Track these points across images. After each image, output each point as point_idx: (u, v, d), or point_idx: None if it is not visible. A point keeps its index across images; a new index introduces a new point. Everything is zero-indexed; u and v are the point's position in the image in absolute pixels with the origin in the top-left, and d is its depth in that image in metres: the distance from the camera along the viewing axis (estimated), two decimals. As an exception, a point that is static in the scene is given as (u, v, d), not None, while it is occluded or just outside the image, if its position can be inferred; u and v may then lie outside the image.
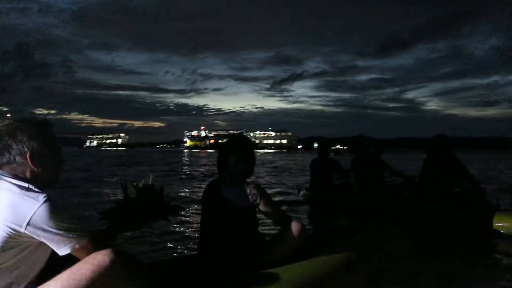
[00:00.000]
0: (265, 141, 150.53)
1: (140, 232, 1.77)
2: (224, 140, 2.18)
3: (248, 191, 2.01)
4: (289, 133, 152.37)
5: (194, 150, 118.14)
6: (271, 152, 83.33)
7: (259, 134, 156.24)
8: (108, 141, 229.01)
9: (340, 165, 5.78)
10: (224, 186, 2.04)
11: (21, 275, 1.20)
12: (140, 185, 1.57)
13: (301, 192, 6.01)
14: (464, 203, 4.24)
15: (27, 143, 1.22)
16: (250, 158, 2.11)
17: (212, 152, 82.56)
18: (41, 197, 1.13)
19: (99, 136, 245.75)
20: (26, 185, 1.17)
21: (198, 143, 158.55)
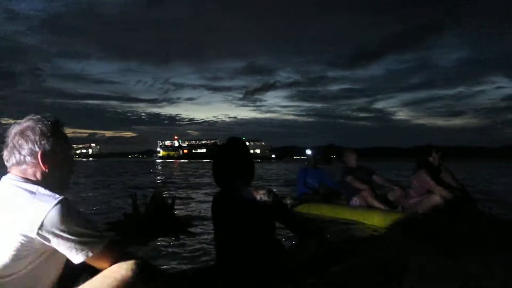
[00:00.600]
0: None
1: (147, 246, 1.68)
2: (216, 148, 2.03)
3: (258, 197, 1.87)
4: (263, 143, 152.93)
5: (167, 160, 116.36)
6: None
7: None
8: (78, 151, 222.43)
9: (329, 175, 5.72)
10: (232, 195, 1.91)
11: (36, 285, 1.12)
12: (151, 198, 1.46)
13: (289, 202, 5.88)
14: (456, 211, 4.24)
15: (38, 143, 1.15)
16: (249, 160, 1.98)
17: (186, 162, 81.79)
18: (53, 200, 1.06)
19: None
20: (37, 187, 1.10)
21: (171, 153, 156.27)
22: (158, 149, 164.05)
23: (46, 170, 1.16)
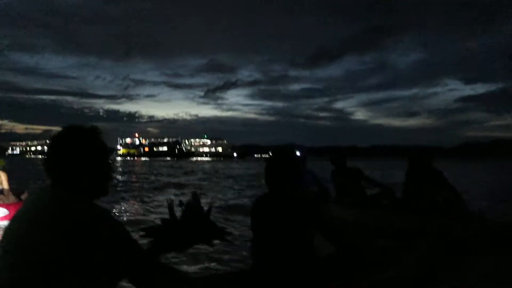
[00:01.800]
0: (200, 149, 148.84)
1: (183, 253, 1.66)
2: (270, 153, 2.08)
3: (302, 205, 1.94)
4: (224, 141, 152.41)
5: (128, 158, 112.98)
6: (209, 160, 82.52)
7: (195, 142, 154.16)
8: (33, 148, 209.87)
9: (317, 176, 5.53)
10: (276, 201, 1.96)
11: None
12: (185, 205, 1.42)
13: None
14: (448, 213, 4.21)
15: (77, 152, 1.14)
16: (300, 169, 2.04)
17: (147, 160, 79.68)
18: (92, 209, 1.05)
19: (23, 143, 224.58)
20: (76, 197, 1.08)
21: (132, 150, 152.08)
22: (118, 146, 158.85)
23: (86, 179, 1.15)
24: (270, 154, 2.12)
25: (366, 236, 4.47)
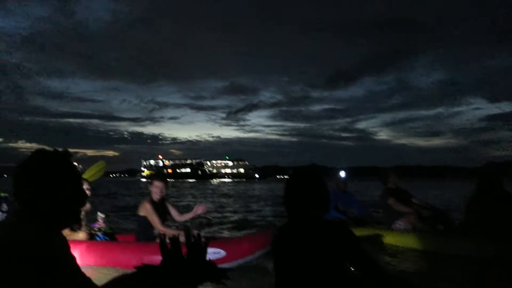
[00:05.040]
0: (222, 170, 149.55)
1: None
2: (292, 173, 1.82)
3: (331, 234, 1.59)
4: (246, 162, 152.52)
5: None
6: (231, 182, 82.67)
7: (217, 163, 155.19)
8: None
9: (357, 200, 5.34)
10: (301, 230, 1.65)
11: None
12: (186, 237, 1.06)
13: None
14: None
15: (35, 174, 1.08)
16: (325, 190, 1.75)
17: (172, 181, 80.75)
18: (17, 237, 0.97)
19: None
20: (20, 223, 1.03)
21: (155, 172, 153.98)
22: (143, 168, 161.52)
23: (45, 205, 1.08)
24: (292, 173, 1.82)
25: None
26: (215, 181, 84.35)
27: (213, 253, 3.52)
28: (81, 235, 4.01)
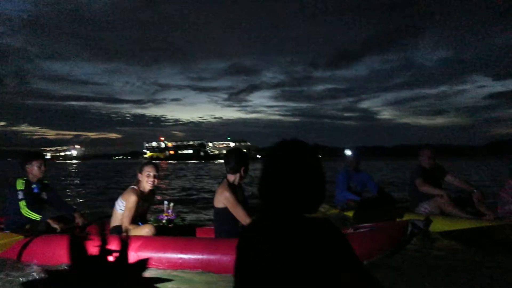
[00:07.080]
0: (224, 151, 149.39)
1: None
2: (269, 149, 1.20)
3: (315, 238, 0.99)
4: (248, 143, 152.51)
5: (154, 162, 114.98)
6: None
7: (219, 144, 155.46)
8: (62, 154, 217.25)
9: (372, 179, 5.10)
10: (274, 232, 1.04)
11: None
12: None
13: (326, 210, 4.87)
14: None
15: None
16: (316, 176, 1.11)
17: (174, 163, 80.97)
18: None
19: (53, 149, 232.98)
20: None
21: (158, 154, 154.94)
22: (145, 150, 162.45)
23: None
24: (269, 150, 1.20)
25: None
26: (219, 162, 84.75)
27: None
28: (148, 229, 3.09)
